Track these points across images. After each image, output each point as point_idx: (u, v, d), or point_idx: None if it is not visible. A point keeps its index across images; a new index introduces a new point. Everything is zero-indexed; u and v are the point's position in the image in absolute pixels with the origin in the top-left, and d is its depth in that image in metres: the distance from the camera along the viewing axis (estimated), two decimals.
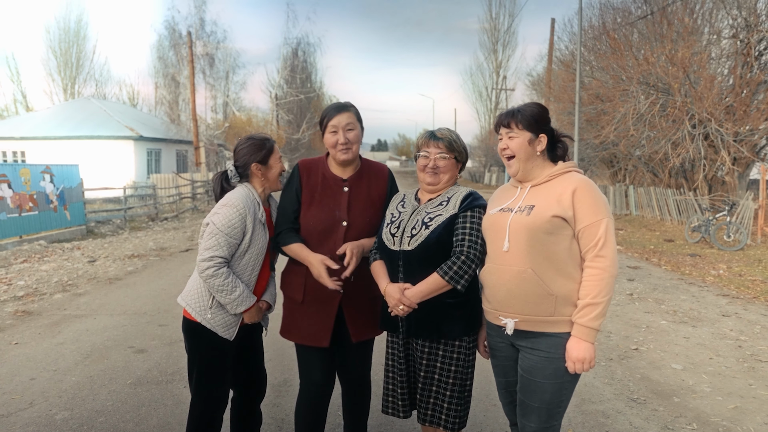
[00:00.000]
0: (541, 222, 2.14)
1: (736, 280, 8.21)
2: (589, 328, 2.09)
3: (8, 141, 24.95)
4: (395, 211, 2.59)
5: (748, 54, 13.91)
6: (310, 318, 2.64)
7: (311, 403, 2.71)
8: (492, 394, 3.97)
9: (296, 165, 2.76)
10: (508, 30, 46.59)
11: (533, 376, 2.19)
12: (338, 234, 2.59)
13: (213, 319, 2.57)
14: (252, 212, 2.55)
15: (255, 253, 2.59)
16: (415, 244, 2.38)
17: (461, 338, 2.44)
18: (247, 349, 2.80)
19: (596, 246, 2.10)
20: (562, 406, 2.22)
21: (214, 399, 2.68)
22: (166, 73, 30.69)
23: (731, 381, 4.32)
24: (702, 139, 13.97)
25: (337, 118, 2.60)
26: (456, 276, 2.29)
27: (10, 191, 11.25)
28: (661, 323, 5.89)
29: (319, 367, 2.67)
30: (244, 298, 2.54)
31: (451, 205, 2.43)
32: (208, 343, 2.61)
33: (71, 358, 4.79)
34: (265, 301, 2.72)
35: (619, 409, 3.80)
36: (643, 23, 16.23)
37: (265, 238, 2.62)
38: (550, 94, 23.63)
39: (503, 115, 2.33)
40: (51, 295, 7.22)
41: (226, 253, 2.49)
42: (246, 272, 2.59)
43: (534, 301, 2.16)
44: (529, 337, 2.21)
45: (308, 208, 2.64)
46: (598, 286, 2.08)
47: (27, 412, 3.74)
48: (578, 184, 2.16)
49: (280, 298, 2.83)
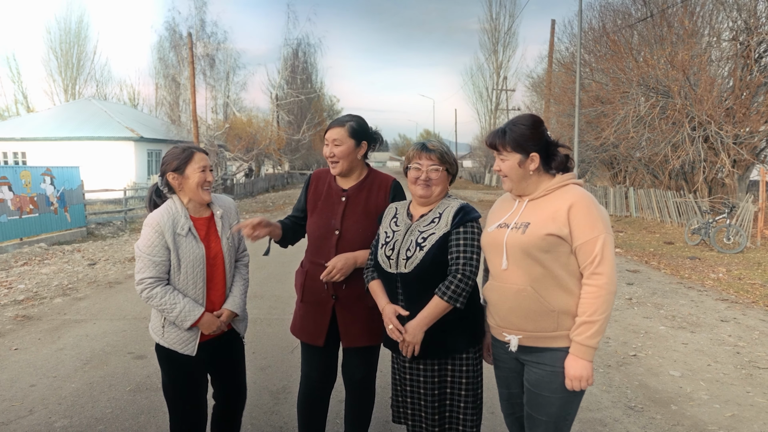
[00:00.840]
0: (536, 240, 2.12)
1: (735, 283, 8.22)
2: (586, 346, 2.07)
3: (9, 142, 25.00)
4: (389, 229, 2.55)
5: (748, 56, 13.91)
6: (309, 317, 2.80)
7: (307, 396, 2.88)
8: (490, 402, 3.97)
9: (310, 174, 2.98)
10: (509, 31, 46.60)
11: (540, 390, 2.19)
12: (331, 242, 2.71)
13: (168, 338, 2.57)
14: (170, 227, 2.49)
15: (189, 266, 2.53)
16: (411, 267, 2.37)
17: (468, 350, 2.43)
18: (223, 361, 2.78)
19: (592, 263, 2.08)
20: (569, 418, 2.22)
21: (189, 415, 2.67)
22: (167, 74, 30.72)
23: (729, 388, 4.33)
24: (702, 142, 13.97)
25: (330, 131, 2.73)
26: (454, 295, 2.28)
27: (10, 193, 11.27)
28: (659, 329, 5.90)
29: (316, 365, 2.82)
30: (187, 312, 2.50)
31: (443, 222, 2.40)
32: (171, 362, 2.61)
33: (71, 365, 4.80)
34: (228, 309, 2.66)
35: (617, 417, 3.81)
36: (643, 25, 16.23)
37: (196, 249, 2.54)
38: (550, 96, 23.64)
39: (491, 135, 2.30)
40: (51, 299, 7.24)
41: (153, 273, 2.48)
42: (189, 286, 2.55)
43: (535, 318, 2.15)
44: (534, 352, 2.20)
45: (311, 216, 2.83)
46: (594, 303, 2.07)
47: (27, 420, 3.76)
48: (574, 200, 2.14)
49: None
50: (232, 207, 2.80)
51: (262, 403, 3.96)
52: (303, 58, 36.74)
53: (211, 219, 2.69)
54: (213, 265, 2.63)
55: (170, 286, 2.53)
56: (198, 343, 2.59)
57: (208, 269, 2.60)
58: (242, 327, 2.83)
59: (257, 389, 4.17)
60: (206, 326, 2.57)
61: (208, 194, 2.63)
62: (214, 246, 2.64)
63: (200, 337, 2.60)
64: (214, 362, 2.76)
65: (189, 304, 2.51)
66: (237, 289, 2.74)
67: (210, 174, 2.61)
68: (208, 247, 2.61)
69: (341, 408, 3.32)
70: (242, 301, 2.74)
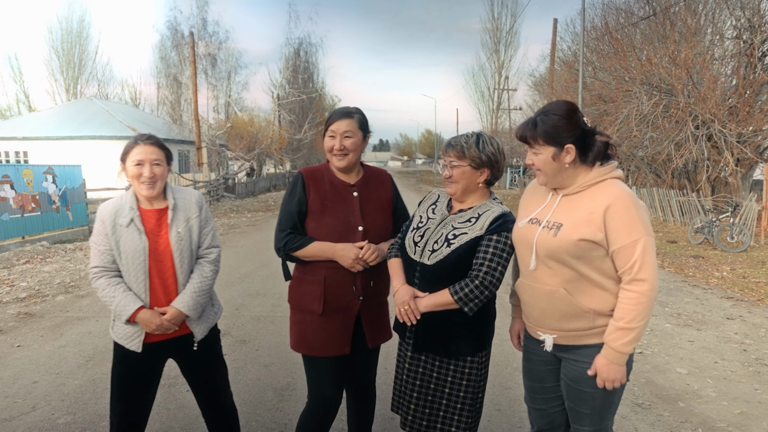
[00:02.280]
0: (567, 245, 1.99)
1: (740, 282, 8.18)
2: (621, 353, 1.97)
3: (11, 141, 25.00)
4: (425, 215, 2.50)
5: (752, 55, 13.86)
6: (330, 328, 2.55)
7: (319, 419, 2.62)
8: (496, 399, 3.95)
9: (299, 174, 2.63)
10: (510, 30, 46.49)
11: (581, 386, 2.12)
12: (355, 240, 2.53)
13: (117, 331, 2.52)
14: (111, 217, 2.45)
15: (130, 258, 2.44)
16: (434, 260, 2.32)
17: (473, 356, 2.37)
18: (185, 362, 2.68)
19: (632, 269, 1.93)
20: (613, 406, 2.17)
21: (124, 413, 2.56)
22: (168, 74, 30.68)
23: (736, 385, 4.29)
24: (705, 140, 13.92)
25: (338, 123, 2.54)
26: (465, 298, 2.22)
27: (12, 192, 11.26)
28: (665, 326, 5.86)
29: (331, 381, 2.59)
30: (123, 306, 2.42)
31: (479, 225, 2.31)
32: (119, 357, 2.55)
33: (73, 361, 4.78)
34: (174, 308, 2.48)
35: (624, 414, 3.77)
36: (646, 24, 16.18)
37: (137, 241, 2.44)
38: (552, 95, 23.59)
39: (522, 128, 2.12)
40: (53, 297, 7.21)
41: (99, 263, 2.47)
42: (131, 280, 2.46)
43: (570, 319, 2.08)
44: (571, 349, 2.13)
45: (321, 217, 2.54)
46: (634, 310, 1.94)
47: (29, 416, 3.73)
48: (612, 201, 1.96)
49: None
50: (192, 199, 2.62)
51: (266, 401, 3.93)
52: (304, 57, 36.67)
53: (165, 211, 2.55)
54: (161, 260, 2.49)
55: (118, 278, 2.48)
56: (143, 342, 2.49)
57: (155, 263, 2.47)
58: (199, 329, 2.60)
59: (261, 387, 4.14)
60: (145, 323, 2.44)
61: (147, 189, 2.46)
62: (164, 240, 2.50)
63: (148, 336, 2.50)
64: (187, 371, 2.69)
65: (126, 298, 2.43)
66: (190, 287, 2.53)
67: (149, 168, 2.45)
68: (155, 240, 2.49)
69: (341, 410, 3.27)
70: (193, 300, 2.51)
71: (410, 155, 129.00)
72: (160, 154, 2.51)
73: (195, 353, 2.64)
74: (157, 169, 2.48)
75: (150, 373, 2.61)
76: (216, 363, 2.75)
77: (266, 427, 3.56)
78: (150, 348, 2.53)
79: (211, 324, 2.69)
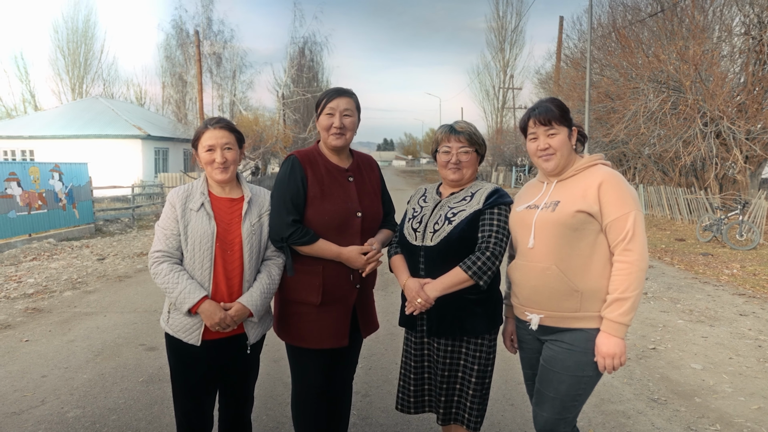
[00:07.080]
0: (565, 217, 2.11)
1: (750, 279, 8.10)
2: (619, 323, 2.05)
3: (17, 140, 25.06)
4: (417, 205, 2.54)
5: (761, 51, 13.75)
6: (328, 319, 2.49)
7: (311, 405, 2.57)
8: (509, 394, 3.91)
9: (294, 158, 2.51)
10: (516, 29, 46.37)
11: (552, 366, 2.18)
12: (354, 226, 2.48)
13: (173, 324, 2.39)
14: (182, 201, 2.39)
15: (197, 242, 2.35)
16: (438, 240, 2.33)
17: (483, 335, 2.39)
18: (228, 365, 2.52)
19: (624, 239, 2.06)
20: (578, 400, 2.18)
21: (189, 414, 2.49)
22: (174, 73, 30.72)
23: (753, 381, 4.23)
24: (714, 138, 13.82)
25: (336, 101, 2.47)
26: (479, 271, 2.24)
27: (19, 189, 11.27)
28: (677, 322, 5.80)
29: (320, 370, 2.54)
30: (187, 293, 2.29)
31: (475, 201, 2.37)
32: (176, 351, 2.43)
33: (82, 356, 4.75)
34: (240, 303, 2.37)
35: (640, 409, 3.72)
36: (653, 20, 16.08)
37: (206, 226, 2.36)
38: (559, 93, 23.48)
39: (537, 113, 2.21)
40: (61, 293, 7.20)
41: (162, 247, 2.36)
42: (195, 266, 2.36)
43: (559, 297, 2.14)
44: (555, 332, 2.19)
45: (320, 203, 2.45)
46: (627, 280, 2.04)
47: (39, 410, 3.70)
48: (604, 178, 2.13)
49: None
50: (266, 197, 2.56)
51: (276, 394, 3.90)
52: (309, 56, 36.61)
53: (239, 202, 2.48)
54: (228, 249, 2.38)
55: (179, 266, 2.37)
56: (202, 336, 2.36)
57: (221, 252, 2.37)
58: (254, 332, 2.50)
59: (271, 380, 4.11)
60: (207, 315, 2.31)
61: (221, 173, 2.40)
62: (234, 230, 2.42)
63: (205, 332, 2.37)
64: (224, 373, 2.55)
65: (191, 286, 2.30)
66: (258, 285, 2.43)
67: (220, 153, 2.38)
68: (224, 228, 2.40)
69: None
70: (260, 299, 2.41)
71: (415, 154, 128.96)
72: (231, 137, 2.44)
73: (245, 357, 2.51)
74: (229, 153, 2.41)
75: (209, 370, 2.47)
76: (254, 371, 2.65)
77: (277, 421, 3.52)
78: (208, 344, 2.40)
79: (266, 329, 2.61)
